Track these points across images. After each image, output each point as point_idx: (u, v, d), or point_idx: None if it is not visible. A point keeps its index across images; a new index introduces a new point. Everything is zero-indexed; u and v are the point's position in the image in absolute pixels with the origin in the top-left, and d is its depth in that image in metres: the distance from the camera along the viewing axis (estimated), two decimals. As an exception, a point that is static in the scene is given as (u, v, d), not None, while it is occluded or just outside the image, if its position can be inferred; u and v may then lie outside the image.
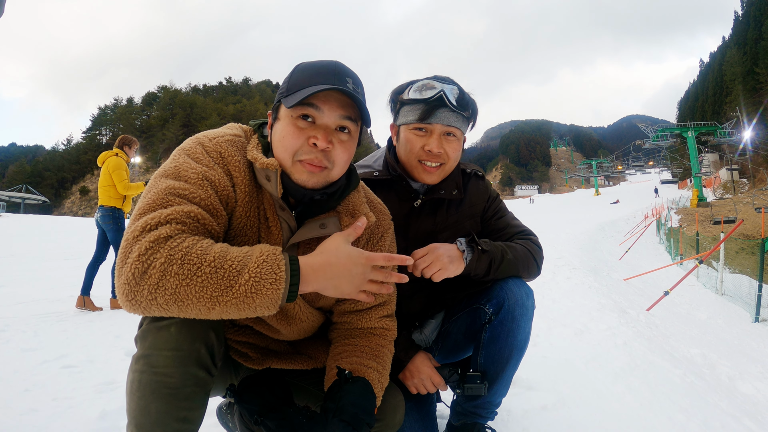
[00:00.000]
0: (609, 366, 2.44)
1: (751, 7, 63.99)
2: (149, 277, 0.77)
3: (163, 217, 0.82)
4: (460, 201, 1.48)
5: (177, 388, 0.85)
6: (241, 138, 1.03)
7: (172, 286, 0.77)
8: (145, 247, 0.78)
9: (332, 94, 0.95)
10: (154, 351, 0.86)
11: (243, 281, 0.79)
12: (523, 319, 1.35)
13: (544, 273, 5.62)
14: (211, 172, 0.93)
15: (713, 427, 1.82)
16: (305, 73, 0.97)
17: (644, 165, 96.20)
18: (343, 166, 1.01)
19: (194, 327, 0.88)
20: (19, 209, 60.51)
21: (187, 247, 0.79)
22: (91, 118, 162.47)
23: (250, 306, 0.81)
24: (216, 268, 0.79)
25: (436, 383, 1.38)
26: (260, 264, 0.81)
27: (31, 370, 2.30)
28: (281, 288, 0.81)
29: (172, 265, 0.77)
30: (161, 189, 0.88)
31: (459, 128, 1.35)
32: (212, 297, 0.78)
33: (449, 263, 1.27)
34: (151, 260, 0.77)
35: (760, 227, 10.35)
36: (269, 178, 0.97)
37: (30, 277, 6.21)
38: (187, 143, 1.00)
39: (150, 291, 0.77)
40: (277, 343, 1.20)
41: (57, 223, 24.94)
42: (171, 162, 0.96)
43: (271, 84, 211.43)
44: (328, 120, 0.96)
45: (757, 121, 50.65)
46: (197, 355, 0.87)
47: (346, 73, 0.97)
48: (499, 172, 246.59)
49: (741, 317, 6.44)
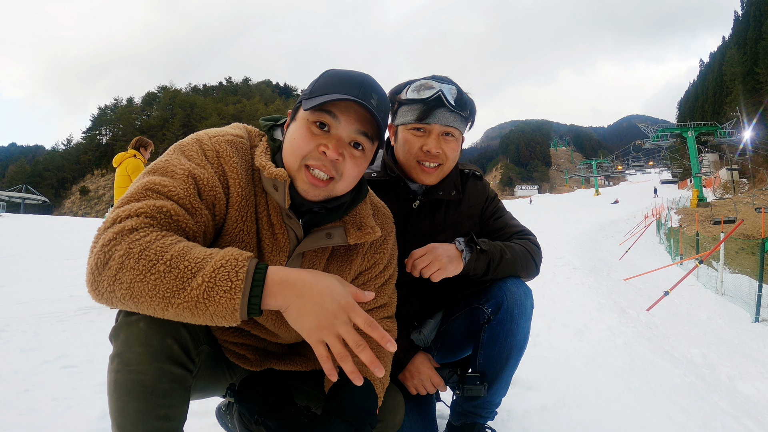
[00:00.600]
0: (609, 366, 2.44)
1: (751, 7, 63.96)
2: (109, 269, 0.75)
3: (133, 210, 0.80)
4: (459, 202, 1.47)
5: (152, 386, 0.82)
6: (243, 140, 1.00)
7: (128, 281, 0.74)
8: (108, 238, 0.77)
9: (353, 106, 0.92)
10: (126, 348, 0.83)
11: (195, 285, 0.74)
12: (522, 319, 1.35)
13: (544, 273, 5.62)
14: (199, 170, 0.90)
15: (713, 427, 1.82)
16: (332, 80, 0.94)
17: (644, 165, 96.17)
18: (351, 182, 0.97)
19: (164, 322, 0.84)
20: (19, 209, 60.51)
21: (148, 242, 0.76)
22: (91, 118, 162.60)
23: (204, 313, 0.75)
24: (171, 267, 0.74)
25: (435, 384, 1.38)
26: (217, 268, 0.75)
27: (31, 370, 2.30)
28: (236, 298, 0.74)
29: (129, 259, 0.74)
30: (142, 184, 0.86)
31: (457, 128, 1.34)
32: (164, 297, 0.74)
33: (448, 263, 1.27)
34: (112, 252, 0.76)
35: (760, 227, 10.36)
36: (277, 188, 0.94)
37: (30, 277, 6.21)
38: (186, 139, 0.98)
39: (109, 282, 0.75)
40: (275, 345, 1.18)
41: (57, 223, 24.93)
42: (163, 157, 0.94)
43: (270, 84, 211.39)
44: (343, 132, 0.92)
45: (757, 121, 50.63)
46: (169, 350, 0.85)
47: (372, 88, 0.93)
48: (499, 172, 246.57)
49: (741, 317, 6.45)
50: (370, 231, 1.05)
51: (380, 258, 1.14)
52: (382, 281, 1.17)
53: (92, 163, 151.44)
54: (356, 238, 1.03)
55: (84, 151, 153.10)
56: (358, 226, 1.04)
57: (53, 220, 29.69)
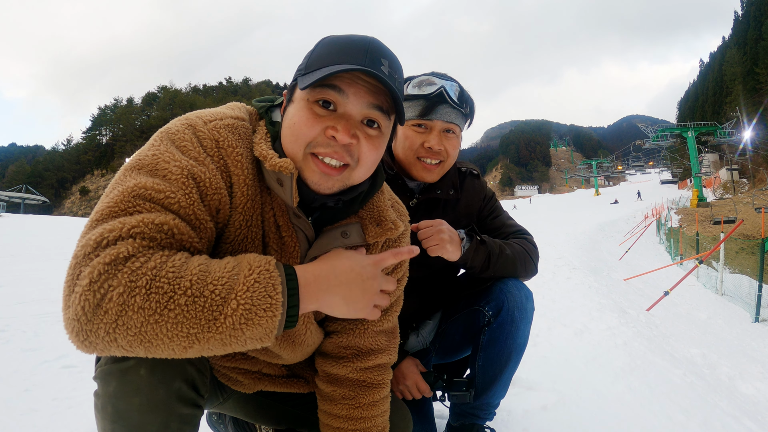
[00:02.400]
0: (609, 366, 2.44)
1: (751, 7, 63.98)
2: (105, 313, 0.58)
3: (125, 230, 0.62)
4: (456, 200, 1.46)
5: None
6: (245, 123, 0.83)
7: (137, 325, 0.58)
8: (98, 272, 0.59)
9: (361, 77, 0.75)
10: (122, 402, 0.69)
11: (230, 311, 0.62)
12: (522, 322, 1.34)
13: (544, 273, 5.61)
14: (200, 168, 0.73)
15: (713, 427, 1.82)
16: (330, 48, 0.77)
17: (644, 165, 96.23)
18: (370, 168, 0.81)
19: (168, 363, 0.70)
20: (19, 209, 60.50)
21: (154, 269, 0.60)
22: (91, 119, 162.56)
23: (239, 340, 0.64)
24: (194, 297, 0.61)
25: (422, 390, 1.37)
26: (250, 285, 0.63)
27: (31, 370, 2.30)
28: (277, 314, 0.64)
29: (134, 297, 0.58)
30: (129, 187, 0.67)
31: (458, 125, 1.34)
32: (190, 335, 0.60)
33: (448, 242, 1.26)
34: (106, 289, 0.58)
35: (760, 227, 10.34)
36: (282, 183, 0.77)
37: (30, 277, 6.20)
38: (174, 124, 0.78)
39: (107, 331, 0.58)
40: (270, 367, 1.03)
41: (57, 223, 24.92)
42: (149, 149, 0.73)
43: (271, 84, 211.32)
44: (353, 109, 0.76)
45: (757, 121, 50.62)
46: (177, 394, 0.72)
47: (381, 53, 0.76)
48: (499, 172, 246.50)
49: (741, 317, 6.45)
50: (391, 227, 0.90)
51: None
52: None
53: (92, 163, 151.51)
54: (376, 235, 0.89)
55: (84, 151, 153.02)
56: (377, 222, 0.90)
57: (53, 220, 29.68)
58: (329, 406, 0.99)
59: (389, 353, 1.03)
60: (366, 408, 0.97)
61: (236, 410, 1.16)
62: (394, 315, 1.05)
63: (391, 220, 0.91)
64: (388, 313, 1.02)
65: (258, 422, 1.22)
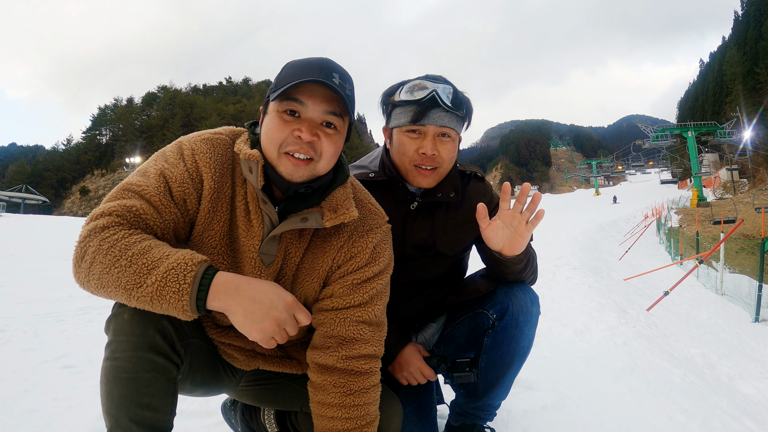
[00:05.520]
0: (609, 366, 2.44)
1: (751, 7, 63.97)
2: (84, 262, 0.86)
3: (106, 209, 0.90)
4: (459, 204, 1.43)
5: (134, 373, 0.88)
6: (221, 136, 1.06)
7: (98, 273, 0.84)
8: (83, 235, 0.88)
9: (317, 89, 0.96)
10: (114, 338, 0.91)
11: (150, 282, 0.83)
12: (527, 326, 1.33)
13: (544, 273, 5.62)
14: (171, 169, 0.98)
15: (713, 427, 1.82)
16: (293, 69, 0.98)
17: (644, 165, 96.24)
18: (331, 159, 1.01)
19: (147, 314, 0.90)
20: (19, 209, 60.52)
21: (115, 239, 0.85)
22: (91, 118, 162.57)
23: (159, 308, 0.84)
24: (131, 263, 0.84)
25: (425, 375, 1.36)
26: (169, 270, 0.83)
27: (31, 370, 2.30)
28: (183, 299, 0.83)
29: (98, 254, 0.85)
30: (121, 184, 0.96)
31: (453, 128, 1.29)
32: (126, 289, 0.83)
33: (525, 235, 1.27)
34: (87, 247, 0.86)
35: (760, 227, 10.35)
36: (251, 170, 0.99)
37: (30, 277, 6.20)
38: (172, 143, 1.06)
39: (85, 274, 0.86)
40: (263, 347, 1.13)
41: (57, 223, 24.93)
42: (147, 161, 1.03)
43: (270, 84, 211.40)
44: (313, 114, 0.96)
45: (757, 121, 50.60)
46: (151, 340, 0.90)
47: (332, 69, 0.97)
48: (499, 172, 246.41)
49: (741, 317, 6.45)
50: (345, 212, 1.05)
51: (358, 252, 1.09)
52: (361, 279, 1.09)
53: (92, 163, 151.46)
54: (332, 220, 1.04)
55: (84, 151, 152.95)
56: (333, 209, 1.05)
57: (53, 220, 29.69)
58: (322, 396, 1.07)
59: (374, 344, 1.10)
60: (357, 395, 1.05)
61: (245, 395, 1.29)
62: (375, 307, 1.10)
63: (345, 207, 1.06)
64: (368, 305, 1.10)
65: (262, 405, 1.34)
